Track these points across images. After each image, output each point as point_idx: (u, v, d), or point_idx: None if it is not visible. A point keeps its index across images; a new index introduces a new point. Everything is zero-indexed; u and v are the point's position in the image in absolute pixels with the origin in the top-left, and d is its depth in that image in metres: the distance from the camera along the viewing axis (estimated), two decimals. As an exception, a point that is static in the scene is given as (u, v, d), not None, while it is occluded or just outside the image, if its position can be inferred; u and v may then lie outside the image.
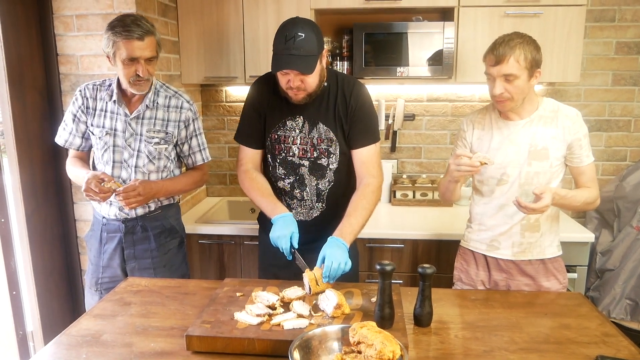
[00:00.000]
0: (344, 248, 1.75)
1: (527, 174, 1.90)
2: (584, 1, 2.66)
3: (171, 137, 2.13)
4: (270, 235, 1.83)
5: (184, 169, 2.33)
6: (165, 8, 2.79)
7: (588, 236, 2.60)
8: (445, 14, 2.93)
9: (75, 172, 2.15)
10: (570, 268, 2.60)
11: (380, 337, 1.23)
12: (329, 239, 1.78)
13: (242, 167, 2.05)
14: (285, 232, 1.79)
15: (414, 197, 3.16)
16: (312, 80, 1.83)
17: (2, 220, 2.31)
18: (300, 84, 1.81)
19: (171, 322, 1.60)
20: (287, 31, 1.76)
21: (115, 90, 2.06)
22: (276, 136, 1.99)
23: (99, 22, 2.47)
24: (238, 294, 1.66)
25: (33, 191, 2.50)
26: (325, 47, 1.88)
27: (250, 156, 2.06)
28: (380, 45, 2.80)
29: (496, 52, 1.78)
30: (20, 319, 2.46)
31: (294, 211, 2.02)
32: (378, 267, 1.47)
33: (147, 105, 2.07)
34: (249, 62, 2.88)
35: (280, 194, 2.03)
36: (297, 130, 1.97)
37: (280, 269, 2.01)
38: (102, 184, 1.95)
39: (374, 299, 1.59)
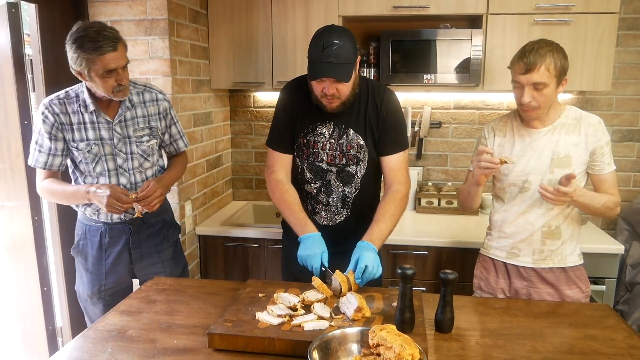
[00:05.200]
0: (375, 252, 1.76)
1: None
2: (617, 9, 2.62)
3: (156, 131, 2.15)
4: (298, 253, 1.81)
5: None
6: (196, 14, 2.85)
7: (618, 248, 2.55)
8: (473, 22, 2.92)
9: (67, 189, 2.02)
10: (598, 280, 2.55)
11: (400, 340, 1.23)
12: (358, 243, 1.79)
13: (273, 173, 2.01)
14: (316, 250, 1.78)
15: (439, 204, 3.15)
16: (347, 88, 1.84)
17: (37, 218, 2.39)
18: (336, 91, 1.82)
19: (194, 320, 1.63)
20: (324, 39, 1.76)
21: (88, 100, 1.99)
22: (305, 140, 2.00)
23: (132, 27, 2.55)
24: (260, 295, 1.68)
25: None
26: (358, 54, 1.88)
27: (282, 161, 2.03)
28: (407, 52, 2.81)
29: (526, 60, 1.75)
30: (50, 315, 2.54)
31: (318, 215, 2.03)
32: (399, 271, 1.47)
33: (126, 106, 2.06)
34: (277, 68, 2.91)
35: (305, 197, 2.04)
36: (327, 136, 1.97)
37: (303, 273, 2.01)
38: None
39: (395, 304, 1.59)
